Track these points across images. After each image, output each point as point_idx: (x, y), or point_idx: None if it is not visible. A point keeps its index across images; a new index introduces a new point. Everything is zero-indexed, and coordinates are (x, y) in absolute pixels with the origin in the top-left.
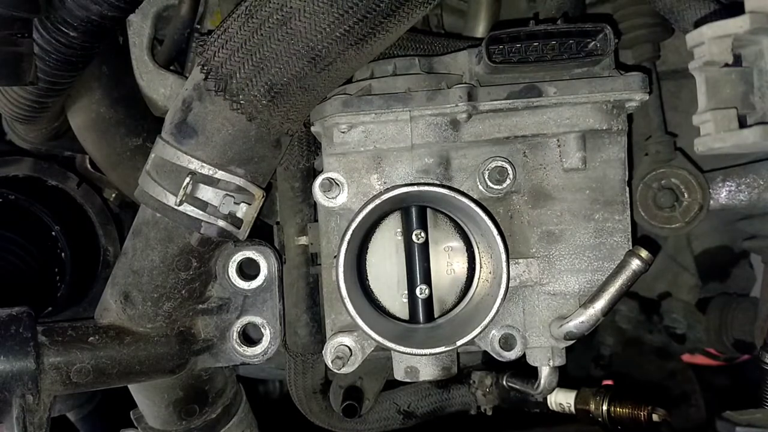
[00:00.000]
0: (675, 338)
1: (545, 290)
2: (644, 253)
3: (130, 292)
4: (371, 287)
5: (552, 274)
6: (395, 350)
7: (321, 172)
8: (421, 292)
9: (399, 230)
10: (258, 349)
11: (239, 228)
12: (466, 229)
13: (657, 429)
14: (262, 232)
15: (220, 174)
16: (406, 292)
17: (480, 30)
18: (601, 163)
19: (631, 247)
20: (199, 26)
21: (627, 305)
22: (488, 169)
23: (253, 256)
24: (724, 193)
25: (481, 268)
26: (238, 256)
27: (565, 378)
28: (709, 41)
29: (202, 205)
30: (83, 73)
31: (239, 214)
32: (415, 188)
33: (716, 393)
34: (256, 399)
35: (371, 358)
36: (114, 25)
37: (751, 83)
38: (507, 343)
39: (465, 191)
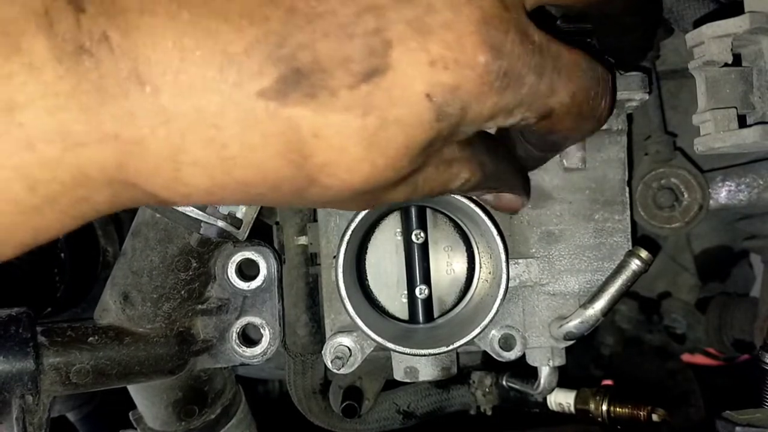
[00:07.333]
0: (675, 338)
1: (545, 290)
2: (644, 253)
3: (129, 292)
4: (371, 287)
5: (552, 274)
6: (395, 350)
7: None
8: (420, 292)
9: (398, 230)
10: (258, 350)
11: (239, 228)
12: (465, 229)
13: (657, 429)
14: (261, 233)
15: None
16: (406, 292)
17: None
18: (601, 163)
19: (631, 247)
20: None
21: (627, 305)
22: None
23: (253, 257)
24: (723, 193)
25: (480, 268)
26: (238, 257)
27: (565, 378)
28: (708, 41)
29: (202, 205)
30: None
31: (239, 215)
32: None
33: (716, 393)
34: (255, 399)
35: (371, 358)
36: None
37: (751, 83)
38: (507, 343)
39: None
